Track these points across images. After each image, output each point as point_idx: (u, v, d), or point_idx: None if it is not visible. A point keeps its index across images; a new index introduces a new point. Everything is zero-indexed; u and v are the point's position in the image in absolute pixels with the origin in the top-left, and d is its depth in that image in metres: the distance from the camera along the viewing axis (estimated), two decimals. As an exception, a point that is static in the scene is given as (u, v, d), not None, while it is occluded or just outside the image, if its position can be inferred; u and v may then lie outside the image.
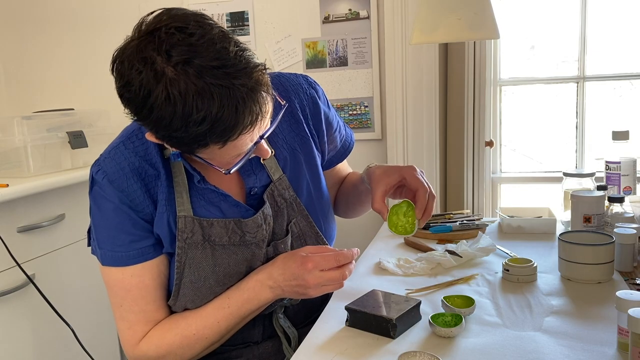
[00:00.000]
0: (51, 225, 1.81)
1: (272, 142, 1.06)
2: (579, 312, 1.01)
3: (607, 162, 1.57)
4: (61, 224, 1.86)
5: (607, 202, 1.38)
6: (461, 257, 1.28)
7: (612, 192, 1.54)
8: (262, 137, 0.91)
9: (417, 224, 1.06)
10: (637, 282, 1.14)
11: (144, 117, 0.83)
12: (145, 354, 1.03)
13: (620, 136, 1.54)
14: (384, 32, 1.93)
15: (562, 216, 1.53)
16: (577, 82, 1.96)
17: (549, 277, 1.18)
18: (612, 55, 1.96)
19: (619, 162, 1.54)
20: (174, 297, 1.03)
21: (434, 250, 1.35)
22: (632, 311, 0.78)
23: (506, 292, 1.12)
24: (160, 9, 0.85)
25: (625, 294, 0.86)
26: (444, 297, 1.03)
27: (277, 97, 0.92)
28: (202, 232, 1.01)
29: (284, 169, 1.10)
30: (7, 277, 1.66)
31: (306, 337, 0.98)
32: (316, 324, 1.03)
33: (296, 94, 1.13)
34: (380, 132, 2.03)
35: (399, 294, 1.06)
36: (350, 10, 1.99)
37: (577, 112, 1.97)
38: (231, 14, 2.11)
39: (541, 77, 2.05)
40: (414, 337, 0.95)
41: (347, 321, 1.01)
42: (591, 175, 1.50)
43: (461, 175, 1.98)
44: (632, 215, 1.35)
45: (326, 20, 2.02)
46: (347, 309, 1.00)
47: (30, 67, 2.39)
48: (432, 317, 0.96)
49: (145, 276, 1.02)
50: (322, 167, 1.19)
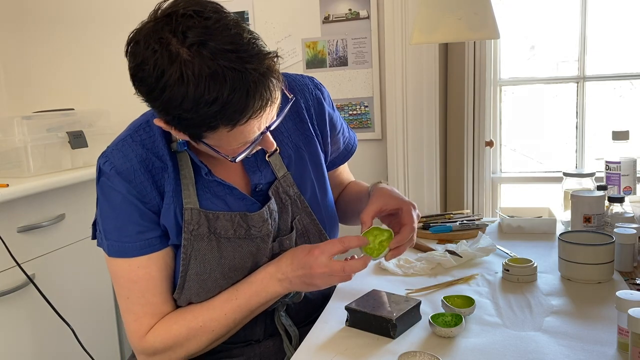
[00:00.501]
0: (51, 225, 1.81)
1: (278, 140, 1.07)
2: (579, 312, 1.01)
3: (607, 162, 1.57)
4: (61, 224, 1.86)
5: (607, 202, 1.38)
6: (461, 257, 1.28)
7: (612, 192, 1.54)
8: (268, 127, 0.92)
9: (385, 254, 1.03)
10: (637, 282, 1.14)
11: (156, 97, 0.84)
12: (152, 345, 1.03)
13: (620, 136, 1.54)
14: (384, 32, 1.93)
15: (562, 216, 1.53)
16: (577, 82, 1.96)
17: (549, 277, 1.18)
18: (612, 55, 1.96)
19: (619, 162, 1.54)
20: (179, 290, 1.03)
21: (434, 250, 1.35)
22: (632, 311, 0.78)
23: (506, 292, 1.12)
24: None
25: (625, 294, 0.86)
26: (444, 297, 1.03)
27: (285, 90, 0.94)
28: (208, 225, 1.02)
29: (288, 167, 1.11)
30: (7, 277, 1.66)
31: (306, 337, 0.98)
32: (316, 323, 1.03)
33: (302, 93, 1.14)
34: (380, 132, 2.03)
35: (399, 294, 1.06)
36: (350, 10, 1.99)
37: (577, 112, 1.97)
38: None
39: (541, 77, 2.05)
40: (414, 337, 0.95)
41: (347, 321, 1.01)
42: (591, 175, 1.50)
43: (461, 175, 1.98)
44: (632, 215, 1.35)
45: (326, 20, 2.02)
46: (347, 309, 1.00)
47: (30, 67, 2.39)
48: (432, 317, 0.96)
49: (151, 268, 1.02)
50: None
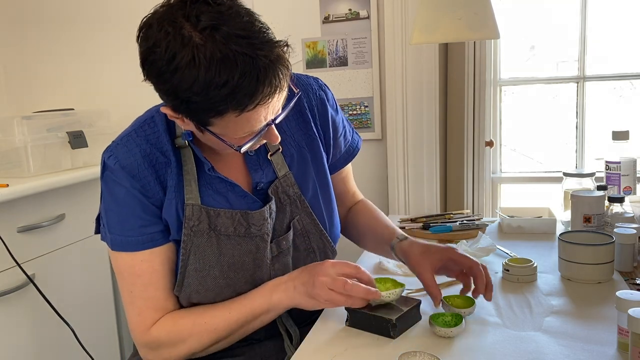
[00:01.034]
0: (51, 225, 1.81)
1: (280, 139, 1.07)
2: (579, 312, 1.01)
3: (607, 162, 1.57)
4: (61, 224, 1.86)
5: (607, 202, 1.38)
6: (461, 257, 1.28)
7: (612, 192, 1.54)
8: (274, 120, 0.93)
9: (391, 298, 1.00)
10: (637, 282, 1.14)
11: (166, 80, 0.85)
12: (156, 338, 1.04)
13: (620, 136, 1.54)
14: (384, 32, 1.93)
15: (562, 216, 1.53)
16: (577, 82, 1.96)
17: (549, 277, 1.18)
18: (612, 55, 1.96)
19: (619, 162, 1.54)
20: (178, 286, 1.04)
21: (434, 250, 1.35)
22: (632, 311, 0.78)
23: (506, 292, 1.12)
24: None
25: (625, 294, 0.86)
26: (444, 297, 1.03)
27: (292, 85, 0.94)
28: (209, 221, 1.02)
29: (290, 166, 1.11)
30: (7, 277, 1.66)
31: (306, 337, 0.98)
32: (316, 323, 1.03)
33: (305, 93, 1.15)
34: (380, 132, 2.03)
35: (399, 294, 1.06)
36: (350, 10, 1.99)
37: (577, 112, 1.97)
38: (231, 14, 2.11)
39: (541, 77, 2.05)
40: (414, 337, 0.95)
41: (347, 321, 1.01)
42: (591, 175, 1.50)
43: (461, 175, 1.98)
44: (632, 215, 1.35)
45: (326, 20, 2.02)
46: (347, 309, 1.00)
47: (30, 67, 2.39)
48: (432, 317, 0.96)
49: (155, 261, 1.03)
50: None
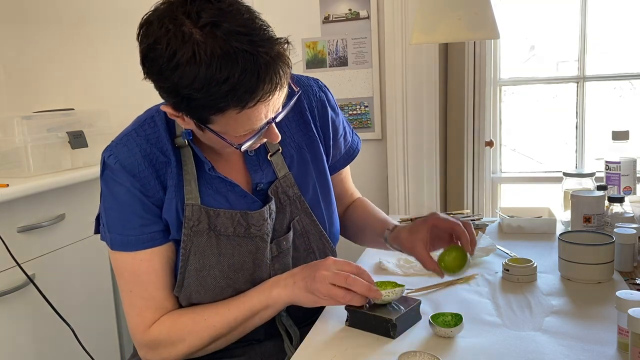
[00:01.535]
0: (51, 225, 1.81)
1: (280, 140, 1.07)
2: (579, 312, 1.01)
3: (607, 162, 1.57)
4: (61, 224, 1.86)
5: (607, 202, 1.38)
6: (461, 257, 1.28)
7: (612, 192, 1.54)
8: (274, 118, 0.93)
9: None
10: (637, 282, 1.14)
11: (167, 77, 0.85)
12: (156, 338, 1.03)
13: (620, 136, 1.54)
14: (384, 32, 1.93)
15: (562, 216, 1.53)
16: (577, 82, 1.96)
17: (549, 277, 1.18)
18: (612, 55, 1.96)
19: (619, 162, 1.54)
20: (178, 287, 1.04)
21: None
22: (632, 311, 0.78)
23: (506, 292, 1.12)
24: None
25: (625, 294, 0.86)
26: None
27: (292, 83, 0.94)
28: (208, 221, 1.02)
29: (290, 167, 1.11)
30: (7, 277, 1.66)
31: (306, 337, 0.98)
32: (316, 323, 1.03)
33: (306, 94, 1.15)
34: (380, 132, 2.03)
35: (399, 294, 1.06)
36: (350, 10, 1.99)
37: (577, 112, 1.97)
38: (231, 14, 2.11)
39: (541, 77, 2.05)
40: (414, 337, 0.95)
41: (347, 321, 1.01)
42: (591, 175, 1.50)
43: (461, 175, 1.98)
44: (632, 215, 1.35)
45: (326, 20, 2.02)
46: (347, 309, 1.00)
47: (30, 67, 2.39)
48: (432, 317, 0.96)
49: (154, 261, 1.03)
50: None
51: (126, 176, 1.00)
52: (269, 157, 1.09)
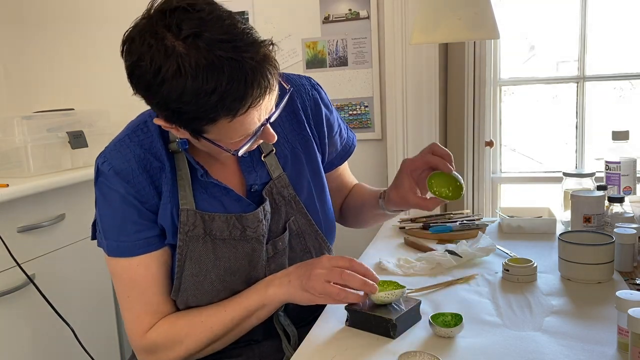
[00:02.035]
0: (51, 225, 1.81)
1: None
2: (579, 312, 1.01)
3: (607, 162, 1.57)
4: (61, 224, 1.86)
5: (607, 202, 1.38)
6: (461, 257, 1.28)
7: (612, 192, 1.54)
8: (268, 119, 0.92)
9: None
10: (637, 282, 1.13)
11: (154, 92, 0.84)
12: (154, 342, 1.03)
13: (620, 136, 1.54)
14: (384, 32, 1.93)
15: (562, 216, 1.53)
16: (577, 82, 1.96)
17: (549, 277, 1.18)
18: (612, 55, 1.96)
19: (619, 162, 1.54)
20: (175, 291, 1.03)
21: (434, 250, 1.35)
22: (632, 311, 0.78)
23: (506, 292, 1.12)
24: None
25: (625, 294, 0.86)
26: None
27: (282, 82, 0.94)
28: (204, 226, 1.02)
29: (284, 167, 1.11)
30: (7, 277, 1.66)
31: (306, 337, 0.98)
32: (316, 323, 1.03)
33: (299, 94, 1.14)
34: (380, 132, 2.03)
35: (399, 294, 1.06)
36: (350, 10, 1.99)
37: (577, 112, 1.97)
38: (231, 14, 2.11)
39: (541, 77, 2.05)
40: (414, 337, 0.95)
41: (347, 321, 1.01)
42: (591, 175, 1.50)
43: (461, 175, 1.97)
44: (632, 215, 1.35)
45: (326, 20, 2.02)
46: (347, 309, 1.00)
47: (30, 67, 2.39)
48: (432, 317, 0.96)
49: (151, 266, 1.03)
50: (323, 168, 1.20)
51: (120, 182, 0.99)
52: (262, 158, 1.08)
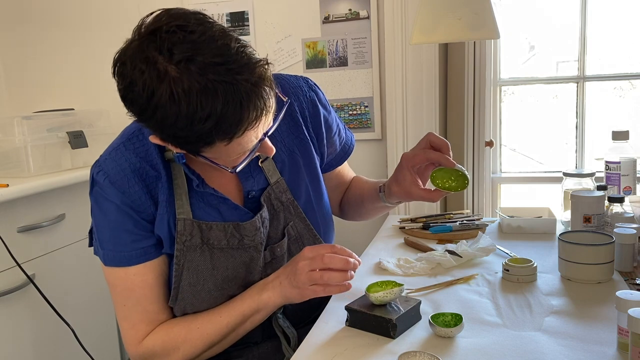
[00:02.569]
0: (51, 225, 1.81)
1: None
2: (579, 312, 1.01)
3: (607, 162, 1.57)
4: (61, 224, 1.86)
5: (607, 202, 1.38)
6: (461, 257, 1.28)
7: (612, 192, 1.54)
8: (266, 134, 0.91)
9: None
10: (637, 282, 1.13)
11: (148, 117, 0.83)
12: (150, 350, 1.03)
13: (620, 136, 1.54)
14: (384, 32, 1.93)
15: (562, 216, 1.53)
16: (577, 82, 1.96)
17: (549, 277, 1.18)
18: (612, 55, 1.96)
19: (619, 162, 1.54)
20: (172, 300, 1.03)
21: (434, 250, 1.35)
22: (632, 311, 0.78)
23: (506, 292, 1.12)
24: (159, 10, 0.85)
25: (625, 294, 0.86)
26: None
27: (279, 93, 0.92)
28: (201, 235, 1.01)
29: (281, 172, 1.10)
30: (7, 277, 1.66)
31: (306, 337, 0.98)
32: (316, 324, 1.03)
33: (296, 96, 1.13)
34: (380, 132, 2.03)
35: (399, 294, 1.06)
36: (350, 10, 1.99)
37: (577, 112, 1.97)
38: (231, 14, 2.11)
39: (541, 77, 2.05)
40: (414, 337, 0.95)
41: (347, 321, 1.01)
42: (591, 175, 1.50)
43: (461, 174, 1.97)
44: (632, 215, 1.35)
45: (326, 20, 2.02)
46: (347, 309, 1.00)
47: (30, 67, 2.39)
48: (432, 317, 0.96)
49: (148, 275, 1.02)
50: (321, 169, 1.19)
51: (116, 193, 0.98)
52: (260, 164, 1.07)
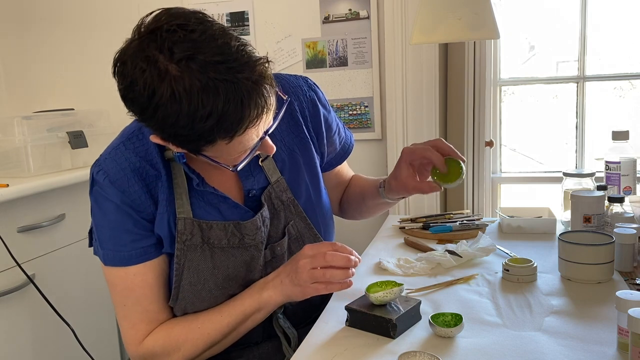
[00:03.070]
0: (51, 225, 1.81)
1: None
2: (579, 312, 1.01)
3: (607, 162, 1.57)
4: (61, 224, 1.86)
5: (607, 202, 1.38)
6: (461, 257, 1.28)
7: (612, 192, 1.54)
8: (266, 132, 0.91)
9: (384, 299, 0.99)
10: (637, 282, 1.13)
11: (149, 116, 0.83)
12: (151, 350, 1.03)
13: (620, 136, 1.54)
14: (384, 32, 1.93)
15: (562, 216, 1.53)
16: (577, 82, 1.96)
17: (549, 277, 1.18)
18: (612, 55, 1.96)
19: (619, 162, 1.54)
20: (173, 300, 1.03)
21: (434, 250, 1.35)
22: (632, 311, 0.78)
23: (506, 292, 1.12)
24: (158, 9, 0.85)
25: (625, 294, 0.86)
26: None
27: (280, 92, 0.92)
28: (202, 235, 1.01)
29: (282, 171, 1.10)
30: (7, 277, 1.66)
31: (306, 337, 0.98)
32: (316, 324, 1.03)
33: (296, 96, 1.13)
34: (380, 132, 2.03)
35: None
36: (350, 10, 1.99)
37: (577, 112, 1.97)
38: (231, 14, 2.11)
39: (541, 77, 2.05)
40: (414, 337, 0.95)
41: (347, 321, 1.01)
42: (591, 175, 1.50)
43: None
44: (632, 215, 1.35)
45: (326, 20, 2.02)
46: (347, 308, 1.00)
47: (30, 67, 2.39)
48: (432, 317, 0.96)
49: (148, 275, 1.02)
50: (321, 169, 1.19)
51: (115, 192, 0.98)
52: (260, 163, 1.07)
